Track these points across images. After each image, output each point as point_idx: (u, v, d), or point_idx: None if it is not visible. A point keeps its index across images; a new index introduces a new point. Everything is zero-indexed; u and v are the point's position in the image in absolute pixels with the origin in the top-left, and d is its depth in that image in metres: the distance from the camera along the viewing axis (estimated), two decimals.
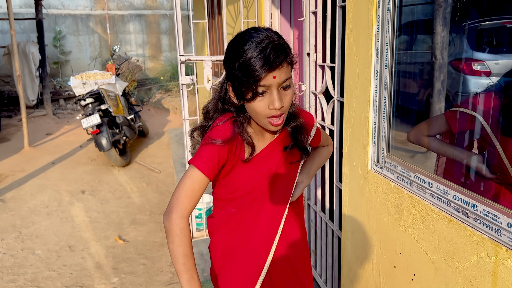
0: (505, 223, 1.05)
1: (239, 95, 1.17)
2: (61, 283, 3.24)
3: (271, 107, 1.14)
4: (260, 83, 1.10)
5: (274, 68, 1.10)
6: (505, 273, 1.05)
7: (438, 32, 1.69)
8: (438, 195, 1.28)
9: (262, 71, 1.08)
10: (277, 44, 1.11)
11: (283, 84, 1.14)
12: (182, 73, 2.81)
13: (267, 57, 1.08)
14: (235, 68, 1.13)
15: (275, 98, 1.13)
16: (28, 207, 4.68)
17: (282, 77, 1.12)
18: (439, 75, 1.70)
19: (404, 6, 1.48)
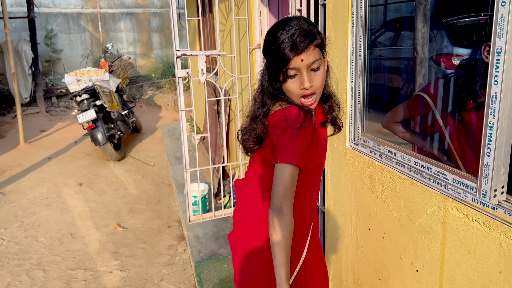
0: (451, 179, 1.29)
1: (275, 78, 1.28)
2: (65, 266, 3.44)
3: (302, 87, 1.24)
4: (289, 66, 1.22)
5: (301, 52, 1.20)
6: (451, 220, 1.30)
7: (419, 28, 1.94)
8: (402, 163, 1.52)
9: (290, 55, 1.20)
10: (304, 29, 1.21)
11: (312, 66, 1.24)
12: (178, 66, 3.01)
13: (294, 42, 1.19)
14: (269, 55, 1.26)
15: (304, 78, 1.23)
16: (28, 199, 4.86)
17: (309, 59, 1.22)
18: (417, 67, 1.95)
19: (374, 5, 1.72)
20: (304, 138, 1.23)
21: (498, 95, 1.09)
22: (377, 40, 2.20)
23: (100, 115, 5.91)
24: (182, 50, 2.97)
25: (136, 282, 3.18)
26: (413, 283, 1.52)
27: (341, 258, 2.09)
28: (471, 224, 1.22)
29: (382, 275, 1.72)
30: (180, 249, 3.64)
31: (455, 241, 1.29)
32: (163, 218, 4.32)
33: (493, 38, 1.08)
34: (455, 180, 1.27)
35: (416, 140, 1.74)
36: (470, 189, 1.22)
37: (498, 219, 1.13)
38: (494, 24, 1.07)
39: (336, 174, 2.06)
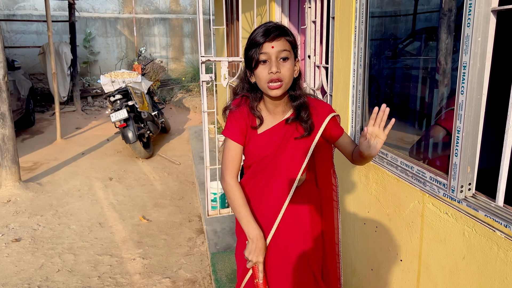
0: (428, 177, 1.46)
1: (249, 66, 1.43)
2: (93, 252, 3.74)
3: (270, 72, 1.38)
4: (261, 50, 1.37)
5: (272, 39, 1.36)
6: (428, 213, 1.47)
7: (443, 39, 2.10)
8: (391, 162, 1.70)
9: (261, 40, 1.36)
10: (279, 25, 1.40)
11: (281, 55, 1.38)
12: (203, 71, 3.27)
13: (267, 30, 1.37)
14: (247, 46, 1.42)
15: (272, 64, 1.37)
16: (62, 190, 5.23)
17: (279, 47, 1.37)
18: (440, 78, 2.12)
19: (374, 16, 1.91)
20: (232, 119, 1.51)
21: (464, 103, 1.26)
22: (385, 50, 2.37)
23: (131, 115, 6.26)
24: (207, 56, 3.22)
25: (157, 269, 3.43)
26: (397, 272, 1.69)
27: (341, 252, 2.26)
28: (442, 217, 1.39)
29: (373, 266, 1.89)
30: (199, 242, 3.88)
31: (430, 232, 1.46)
32: (185, 213, 4.58)
33: (460, 54, 1.25)
34: (431, 177, 1.44)
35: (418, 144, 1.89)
36: (442, 185, 1.39)
37: (462, 211, 1.30)
38: (461, 42, 1.25)
39: (338, 174, 2.24)
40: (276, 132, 1.53)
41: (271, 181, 1.56)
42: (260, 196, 1.58)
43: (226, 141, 1.52)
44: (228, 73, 3.36)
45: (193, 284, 3.22)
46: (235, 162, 1.51)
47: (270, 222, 1.55)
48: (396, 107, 2.14)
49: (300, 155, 1.54)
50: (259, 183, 1.58)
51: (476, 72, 1.24)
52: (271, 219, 1.55)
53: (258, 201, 1.59)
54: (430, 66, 2.03)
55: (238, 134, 1.50)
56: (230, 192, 1.50)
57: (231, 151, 1.51)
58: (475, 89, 1.24)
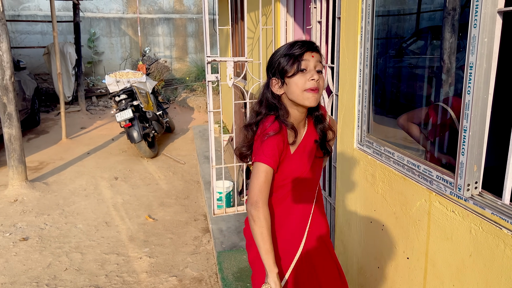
0: (435, 176, 1.48)
1: (283, 75, 1.43)
2: (100, 251, 3.77)
3: (311, 78, 1.39)
4: (302, 58, 1.39)
5: (312, 50, 1.42)
6: (434, 211, 1.48)
7: (447, 38, 2.11)
8: (398, 161, 1.71)
9: (303, 49, 1.40)
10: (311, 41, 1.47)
11: (317, 67, 1.42)
12: (208, 71, 3.29)
13: (304, 42, 1.42)
14: (280, 57, 1.43)
15: (314, 72, 1.41)
16: (68, 190, 5.27)
17: (317, 58, 1.43)
18: (443, 76, 2.14)
19: (379, 15, 1.92)
20: (271, 143, 1.42)
21: (471, 103, 1.28)
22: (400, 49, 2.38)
23: (136, 114, 6.30)
24: (213, 56, 3.25)
25: (163, 267, 3.47)
26: (404, 269, 1.70)
27: (347, 250, 2.28)
28: (449, 215, 1.41)
29: (380, 263, 1.90)
30: (205, 240, 3.91)
31: (437, 230, 1.47)
32: (191, 212, 4.61)
33: (467, 54, 1.27)
34: (438, 176, 1.46)
35: (425, 143, 1.91)
36: (449, 184, 1.41)
37: (469, 209, 1.32)
38: (467, 43, 1.26)
39: (345, 173, 2.26)
40: (304, 150, 1.54)
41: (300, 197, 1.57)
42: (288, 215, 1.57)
43: (259, 165, 1.41)
44: (233, 73, 3.38)
45: (199, 282, 3.24)
46: (268, 189, 1.44)
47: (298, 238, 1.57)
48: (400, 106, 2.15)
49: (320, 170, 1.63)
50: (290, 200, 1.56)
51: (483, 72, 1.25)
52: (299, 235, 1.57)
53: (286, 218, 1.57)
54: (435, 65, 2.05)
55: (275, 159, 1.44)
56: (265, 221, 1.40)
57: (267, 177, 1.42)
58: (481, 89, 1.26)
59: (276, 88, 1.48)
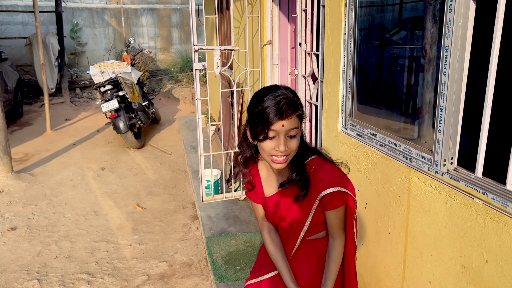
0: (414, 153, 1.57)
1: (254, 136, 1.39)
2: (90, 239, 3.81)
3: (276, 149, 1.35)
4: (271, 127, 1.33)
5: (284, 118, 1.32)
6: (414, 187, 1.58)
7: (428, 28, 2.20)
8: (380, 142, 1.80)
9: (274, 119, 1.31)
10: (290, 99, 1.34)
11: (290, 133, 1.35)
12: (196, 59, 3.33)
13: (280, 109, 1.31)
14: (254, 114, 1.36)
15: (281, 143, 1.34)
16: (55, 180, 5.26)
17: (289, 126, 1.34)
18: (426, 66, 2.22)
19: (362, 6, 2.00)
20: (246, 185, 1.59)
21: (446, 83, 1.36)
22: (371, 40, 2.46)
23: (122, 105, 6.29)
24: (200, 44, 3.29)
25: (153, 254, 3.52)
26: (386, 244, 1.80)
27: None
28: (427, 189, 1.50)
29: (364, 241, 2.00)
30: (193, 227, 3.97)
31: (416, 205, 1.57)
32: (179, 200, 4.66)
33: (443, 37, 1.36)
34: (417, 154, 1.55)
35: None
36: (427, 161, 1.50)
37: (445, 183, 1.41)
38: (443, 26, 1.35)
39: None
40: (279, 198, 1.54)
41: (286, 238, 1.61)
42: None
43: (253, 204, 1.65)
44: (220, 61, 3.43)
45: (189, 267, 3.31)
46: (263, 217, 1.64)
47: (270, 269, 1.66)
48: (383, 95, 2.24)
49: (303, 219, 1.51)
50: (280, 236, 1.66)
51: (457, 54, 1.34)
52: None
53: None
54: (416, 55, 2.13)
55: (254, 195, 1.61)
56: (266, 244, 1.63)
57: (256, 210, 1.64)
58: (456, 70, 1.35)
59: (250, 138, 1.45)
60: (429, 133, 1.68)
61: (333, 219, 1.47)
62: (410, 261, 1.63)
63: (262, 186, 1.56)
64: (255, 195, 1.60)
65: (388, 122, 1.98)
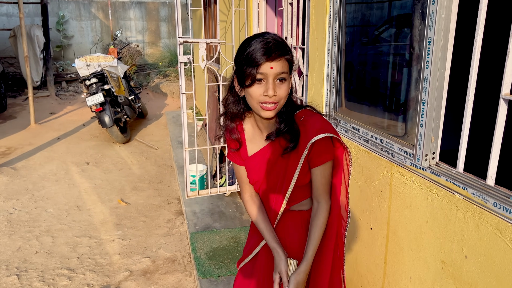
0: (396, 148, 1.55)
1: (241, 82, 1.30)
2: (72, 234, 3.74)
3: (265, 94, 1.26)
4: (259, 70, 1.24)
5: (272, 59, 1.24)
6: (395, 182, 1.56)
7: (416, 25, 2.17)
8: (363, 137, 1.78)
9: (261, 60, 1.23)
10: (279, 41, 1.26)
11: (279, 76, 1.26)
12: (181, 52, 3.28)
13: (267, 49, 1.23)
14: (242, 59, 1.27)
15: (269, 86, 1.25)
16: (38, 175, 5.17)
17: (278, 69, 1.25)
18: (413, 63, 2.20)
19: (349, 3, 1.97)
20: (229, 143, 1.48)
21: (429, 77, 1.34)
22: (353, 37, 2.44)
23: (107, 99, 6.19)
24: (185, 37, 3.23)
25: (136, 249, 3.47)
26: (367, 240, 1.79)
27: None
28: (409, 184, 1.49)
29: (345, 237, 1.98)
30: (178, 223, 3.93)
31: (397, 200, 1.55)
32: (164, 195, 4.61)
33: (425, 30, 1.33)
34: (399, 148, 1.53)
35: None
36: (409, 155, 1.48)
37: (426, 178, 1.40)
38: (426, 19, 1.33)
39: None
40: (261, 154, 1.45)
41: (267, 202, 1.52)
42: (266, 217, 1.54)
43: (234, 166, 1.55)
44: (206, 55, 3.38)
45: (172, 262, 3.27)
46: (244, 180, 1.52)
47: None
48: (370, 92, 2.22)
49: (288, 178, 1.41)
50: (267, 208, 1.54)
51: (440, 47, 1.32)
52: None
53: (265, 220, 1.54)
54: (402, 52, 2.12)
55: (237, 157, 1.50)
56: (246, 207, 1.54)
57: (238, 173, 1.53)
58: (439, 64, 1.33)
59: (237, 88, 1.37)
60: (411, 128, 1.67)
61: (319, 178, 1.38)
62: (391, 256, 1.62)
63: (246, 145, 1.48)
64: (238, 157, 1.49)
65: (373, 118, 1.96)
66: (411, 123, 1.56)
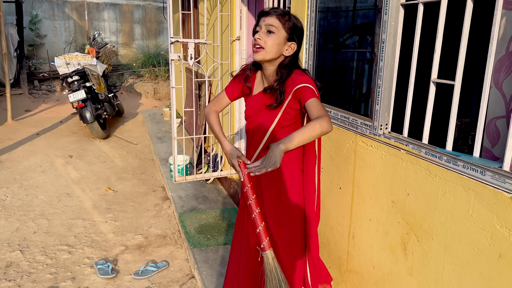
0: (359, 122, 2.04)
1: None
2: (66, 217, 4.04)
3: (255, 37, 1.72)
4: (258, 23, 1.74)
5: (266, 15, 1.71)
6: (359, 148, 2.05)
7: (377, 33, 2.66)
8: (334, 117, 2.27)
9: (260, 16, 1.74)
10: (282, 10, 1.73)
11: (268, 28, 1.69)
12: (172, 51, 3.67)
13: (267, 9, 1.74)
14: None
15: (259, 31, 1.72)
16: (23, 166, 5.38)
17: (268, 21, 1.69)
18: (374, 67, 2.69)
19: (321, 11, 2.46)
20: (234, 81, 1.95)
21: (383, 67, 1.84)
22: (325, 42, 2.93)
23: (88, 96, 6.46)
24: (175, 37, 3.64)
25: (128, 229, 3.82)
26: (337, 198, 2.27)
27: None
28: (368, 149, 1.98)
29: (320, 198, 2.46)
30: (165, 206, 4.30)
31: (360, 162, 2.04)
32: (148, 184, 4.96)
33: (380, 33, 1.83)
34: (362, 122, 2.03)
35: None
36: (369, 127, 1.98)
37: (381, 142, 1.89)
38: (381, 25, 1.82)
39: None
40: (258, 98, 1.84)
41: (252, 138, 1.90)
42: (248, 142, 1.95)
43: (222, 91, 1.98)
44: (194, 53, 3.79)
45: (164, 238, 3.65)
46: (218, 102, 1.98)
47: None
48: (336, 93, 2.70)
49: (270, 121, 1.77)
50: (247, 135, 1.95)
51: (391, 46, 1.82)
52: None
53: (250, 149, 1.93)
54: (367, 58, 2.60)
55: (231, 91, 1.95)
56: (207, 118, 1.94)
57: (220, 95, 1.97)
58: (390, 58, 1.83)
59: None
60: (371, 107, 2.16)
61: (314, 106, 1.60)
62: (356, 206, 2.10)
63: (253, 88, 1.89)
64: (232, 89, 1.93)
65: (342, 103, 2.45)
66: (370, 104, 2.05)
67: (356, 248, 2.12)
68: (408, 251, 1.74)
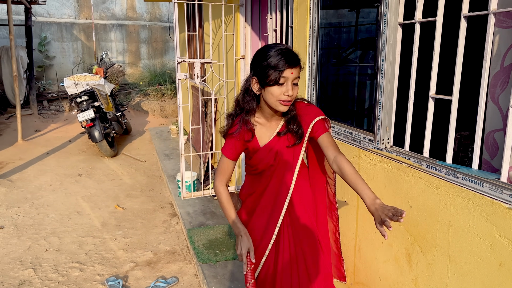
0: (362, 137, 2.11)
1: (263, 83, 1.60)
2: (77, 235, 4.10)
3: (286, 94, 1.58)
4: (282, 74, 1.55)
5: (293, 67, 1.57)
6: (362, 162, 2.11)
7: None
8: (337, 132, 2.33)
9: (285, 66, 1.55)
10: (295, 53, 1.62)
11: (295, 81, 1.60)
12: (178, 70, 3.79)
13: (290, 58, 1.57)
14: (265, 63, 1.57)
15: (289, 88, 1.58)
16: (34, 185, 5.48)
17: (296, 74, 1.59)
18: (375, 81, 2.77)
19: (323, 27, 2.55)
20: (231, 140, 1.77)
21: (383, 84, 1.91)
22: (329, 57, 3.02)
23: (97, 115, 6.59)
24: (182, 57, 3.75)
25: (138, 245, 3.88)
26: (343, 211, 2.31)
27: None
28: (371, 163, 2.04)
29: None
30: (173, 223, 4.36)
31: (364, 175, 2.10)
32: (157, 201, 5.03)
33: (379, 51, 1.91)
34: (364, 137, 2.09)
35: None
36: (371, 141, 2.04)
37: (383, 156, 1.95)
38: (380, 43, 1.90)
39: None
40: (275, 144, 1.75)
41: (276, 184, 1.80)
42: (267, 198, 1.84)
43: (222, 156, 1.81)
44: (192, 74, 3.90)
45: (173, 254, 3.70)
46: (225, 173, 1.82)
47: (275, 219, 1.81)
48: (339, 108, 2.78)
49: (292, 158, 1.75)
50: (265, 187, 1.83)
51: (390, 63, 1.90)
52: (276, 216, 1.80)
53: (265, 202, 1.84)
54: (366, 71, 2.68)
55: (232, 153, 1.78)
56: (218, 196, 1.81)
57: (224, 164, 1.81)
58: (389, 75, 1.90)
59: (255, 86, 1.66)
60: (373, 122, 2.23)
61: (327, 140, 1.66)
62: (361, 219, 2.15)
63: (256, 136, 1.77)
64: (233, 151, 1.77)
65: (345, 118, 2.52)
66: (373, 119, 2.12)
67: (362, 260, 2.16)
68: (412, 262, 1.78)
